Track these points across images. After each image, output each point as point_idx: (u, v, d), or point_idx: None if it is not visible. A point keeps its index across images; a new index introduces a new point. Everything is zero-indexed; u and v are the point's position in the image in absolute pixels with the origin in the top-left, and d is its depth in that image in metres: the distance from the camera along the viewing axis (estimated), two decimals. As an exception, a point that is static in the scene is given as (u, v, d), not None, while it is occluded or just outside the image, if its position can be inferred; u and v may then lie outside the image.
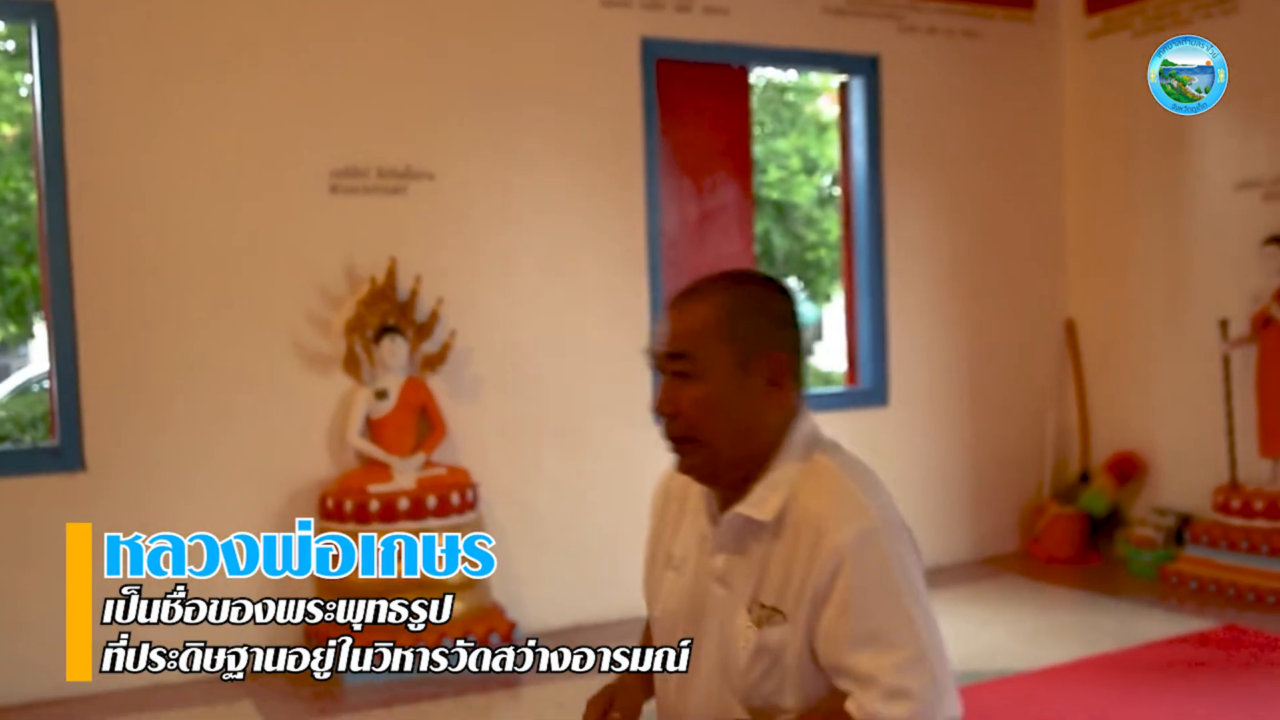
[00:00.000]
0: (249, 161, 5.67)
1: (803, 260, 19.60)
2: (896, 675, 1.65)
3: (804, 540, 1.72)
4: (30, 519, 5.30)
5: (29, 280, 14.45)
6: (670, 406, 1.79)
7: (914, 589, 1.73)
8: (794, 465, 1.78)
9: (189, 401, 5.56)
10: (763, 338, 1.79)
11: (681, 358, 1.78)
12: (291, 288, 5.73)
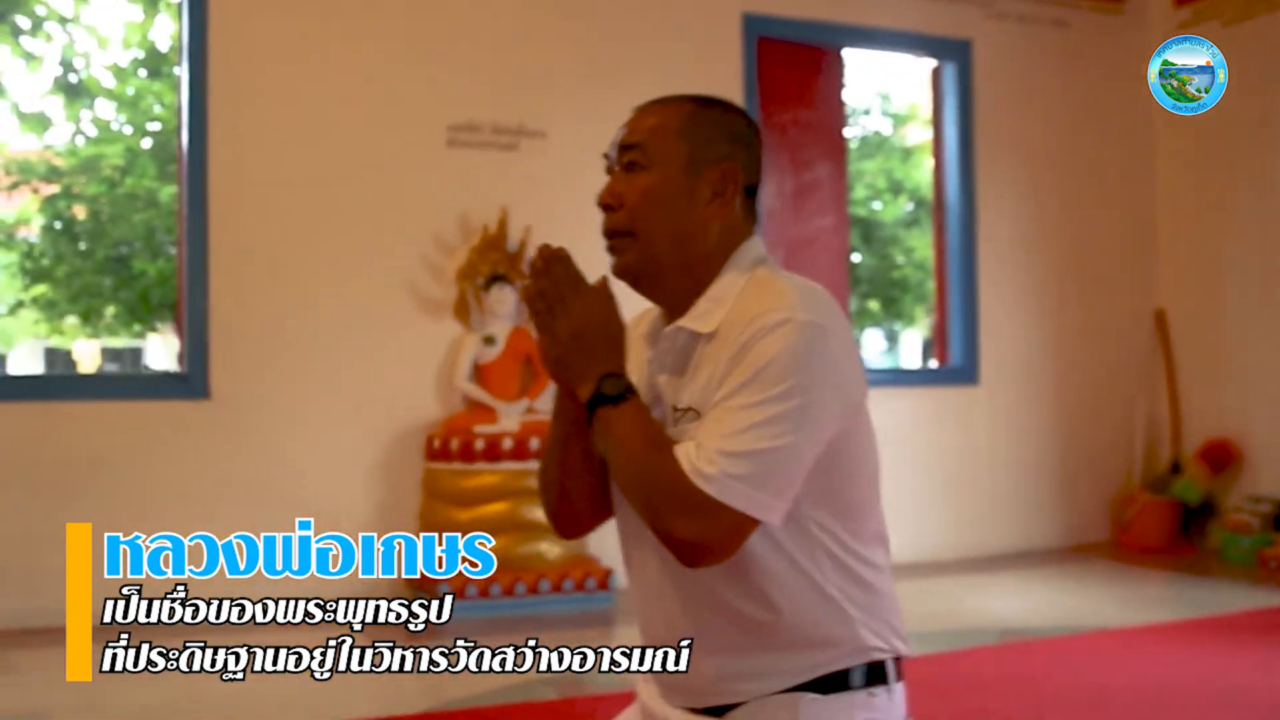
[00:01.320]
0: (372, 117, 5.97)
1: (888, 279, 19.66)
2: (731, 441, 1.57)
3: (731, 336, 1.66)
4: (158, 439, 5.62)
5: (155, 274, 15.01)
6: (615, 199, 1.78)
7: (806, 400, 1.59)
8: (738, 279, 1.74)
9: (308, 339, 5.83)
10: (716, 147, 1.77)
11: (634, 148, 1.77)
12: (408, 235, 6.00)
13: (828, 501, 1.68)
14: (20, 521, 5.39)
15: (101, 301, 15.92)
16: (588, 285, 1.73)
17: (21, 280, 16.31)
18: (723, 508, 1.55)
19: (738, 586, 1.67)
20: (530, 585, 5.58)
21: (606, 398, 1.66)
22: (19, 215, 16.43)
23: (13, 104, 14.32)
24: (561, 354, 1.70)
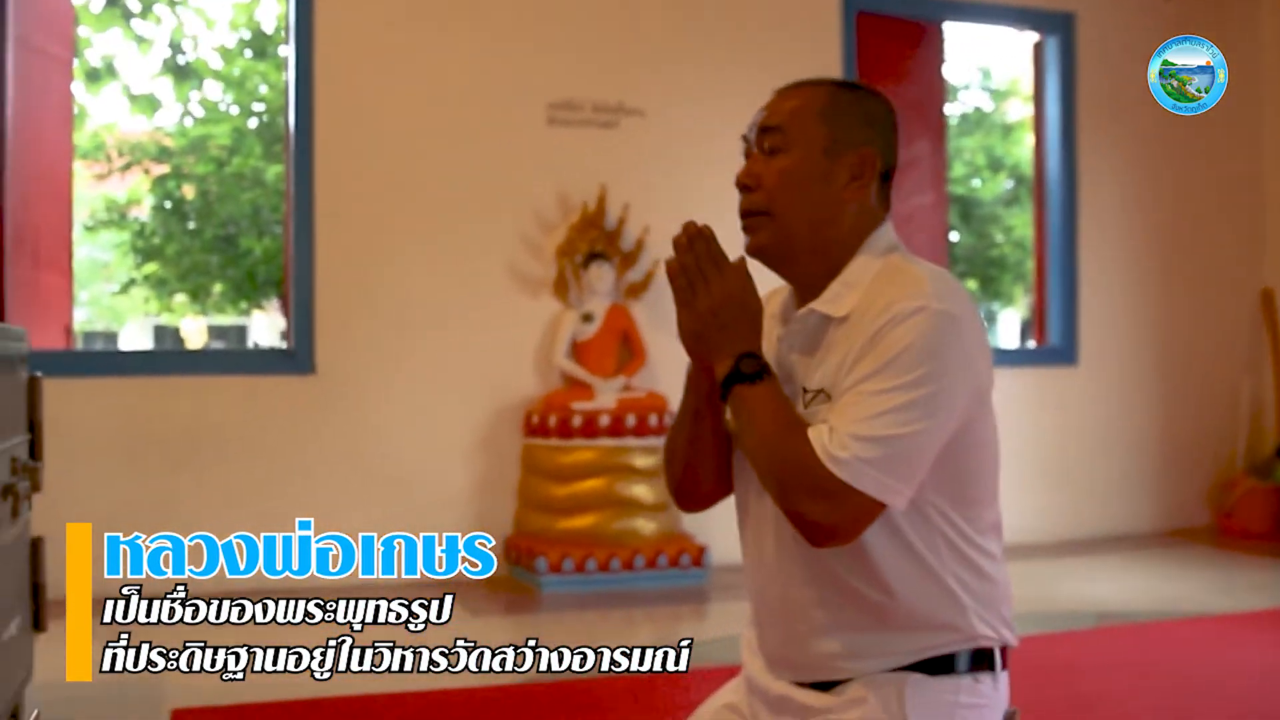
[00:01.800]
0: (473, 95, 6.07)
1: (986, 258, 19.42)
2: (864, 426, 1.60)
3: (865, 321, 1.68)
4: (265, 413, 5.79)
5: (261, 251, 15.37)
6: (752, 179, 1.78)
7: (937, 388, 1.62)
8: (872, 263, 1.76)
9: (410, 316, 5.96)
10: (855, 132, 1.78)
11: (774, 131, 1.78)
12: (508, 213, 6.10)
13: (950, 490, 1.71)
14: (139, 488, 5.60)
15: (209, 279, 16.30)
16: (729, 263, 1.75)
17: (133, 259, 16.75)
18: (852, 491, 1.58)
19: (855, 567, 1.70)
20: (625, 561, 5.66)
21: (743, 376, 1.70)
22: (130, 195, 16.89)
23: (124, 86, 14.71)
24: (700, 330, 1.74)
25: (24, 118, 5.71)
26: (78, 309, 16.91)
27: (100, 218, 16.96)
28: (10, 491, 3.08)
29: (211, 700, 3.96)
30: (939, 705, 1.70)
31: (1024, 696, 3.84)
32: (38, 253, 5.89)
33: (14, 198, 5.62)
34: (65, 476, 5.11)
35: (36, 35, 5.86)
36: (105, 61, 14.35)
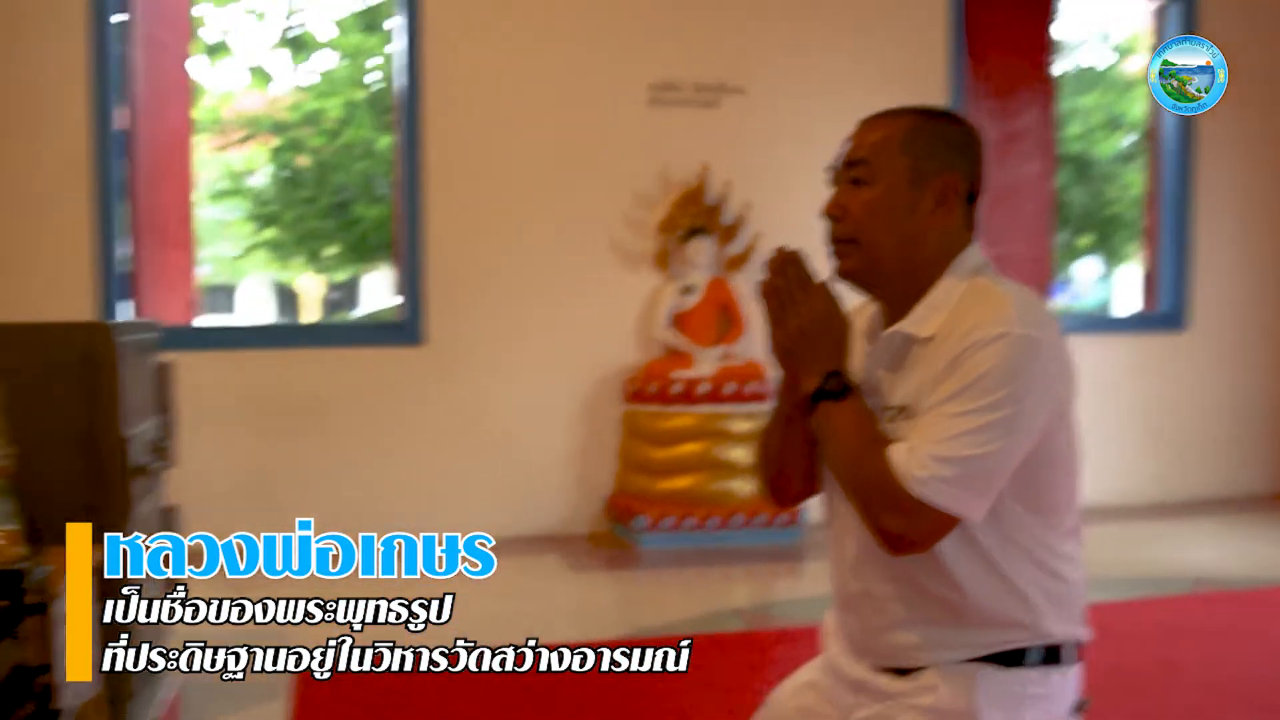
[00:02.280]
0: (577, 76, 6.22)
1: (1101, 217, 19.10)
2: (943, 446, 1.70)
3: (949, 343, 1.76)
4: (379, 382, 6.07)
5: (372, 219, 15.83)
6: (839, 210, 1.87)
7: (1014, 410, 1.71)
8: (957, 286, 1.82)
9: (516, 289, 6.16)
10: (938, 160, 1.84)
11: (859, 164, 1.85)
12: (610, 190, 6.26)
13: (1028, 498, 1.80)
14: (261, 455, 5.91)
15: (324, 243, 16.81)
16: (817, 285, 1.86)
17: (253, 225, 17.31)
18: (929, 508, 1.70)
19: (930, 570, 1.82)
20: (723, 520, 5.83)
21: (829, 393, 1.82)
22: (248, 165, 17.40)
23: (241, 59, 15.14)
24: (790, 347, 1.86)
25: (147, 103, 6.00)
26: (200, 266, 17.52)
27: (220, 187, 17.50)
28: (147, 470, 3.34)
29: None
30: (1007, 695, 1.81)
31: (1115, 660, 3.95)
32: (164, 231, 6.20)
33: (141, 180, 5.92)
34: (190, 445, 5.42)
35: (158, 25, 6.15)
36: (223, 36, 14.78)
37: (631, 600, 5.29)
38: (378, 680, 3.92)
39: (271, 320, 22.59)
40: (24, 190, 5.66)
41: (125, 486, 3.14)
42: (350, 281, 22.45)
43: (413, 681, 3.91)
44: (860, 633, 1.93)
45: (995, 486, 1.73)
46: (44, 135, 5.69)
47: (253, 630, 4.64)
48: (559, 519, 6.26)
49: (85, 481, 3.07)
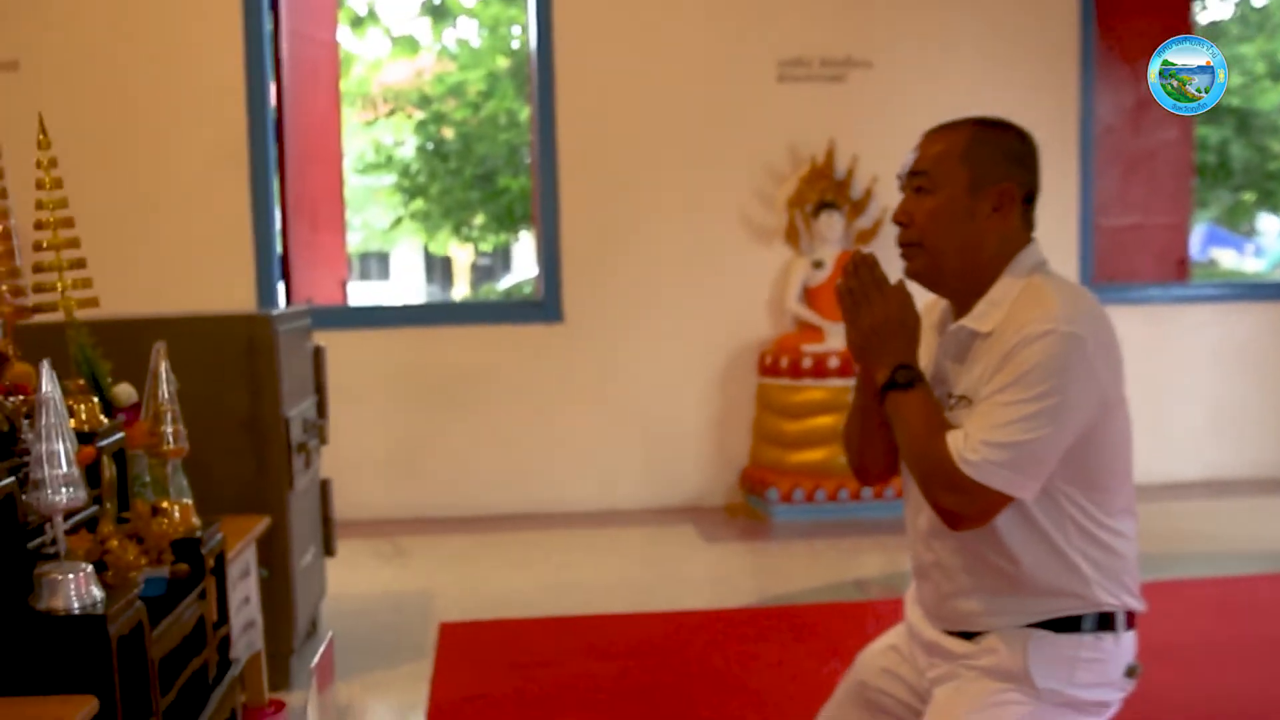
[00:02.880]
0: (705, 53, 6.35)
1: (1263, 171, 18.46)
2: (994, 433, 1.88)
3: (1004, 338, 1.94)
4: (520, 358, 6.32)
5: (517, 190, 16.17)
6: (906, 216, 2.04)
7: (1059, 400, 1.88)
8: (1015, 284, 2.00)
9: (650, 266, 6.34)
10: (995, 169, 2.01)
11: (922, 175, 2.03)
12: (740, 166, 6.38)
13: (1081, 480, 1.98)
14: (408, 429, 6.23)
15: (470, 213, 17.21)
16: (889, 286, 2.05)
17: (401, 197, 17.79)
18: (981, 487, 1.89)
19: (990, 543, 2.01)
20: (853, 492, 5.95)
21: (897, 384, 2.01)
22: (395, 138, 17.87)
23: (385, 29, 15.56)
24: (863, 343, 2.06)
25: (296, 83, 6.31)
26: (352, 233, 17.99)
27: (368, 160, 18.01)
28: (304, 448, 3.61)
29: (475, 615, 4.46)
30: (1060, 657, 1.99)
31: (1205, 633, 4.00)
32: (315, 216, 6.52)
33: (293, 169, 6.24)
34: (340, 420, 5.75)
35: (306, 14, 6.45)
36: (368, 7, 15.22)
37: (759, 569, 5.45)
38: (518, 636, 4.20)
39: (421, 292, 23.19)
40: (185, 175, 6.02)
41: (286, 463, 3.42)
42: (500, 249, 22.90)
43: (550, 640, 4.16)
44: (933, 599, 2.12)
45: (1043, 469, 1.91)
46: (201, 121, 6.04)
47: (401, 591, 4.97)
48: (695, 491, 6.44)
49: (249, 459, 3.35)
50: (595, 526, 6.05)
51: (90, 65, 5.93)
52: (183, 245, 6.01)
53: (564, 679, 3.74)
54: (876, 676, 2.23)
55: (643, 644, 4.09)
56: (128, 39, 5.98)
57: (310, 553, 3.87)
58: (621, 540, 5.84)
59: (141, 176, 5.95)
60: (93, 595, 1.78)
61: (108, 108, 5.93)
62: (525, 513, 6.26)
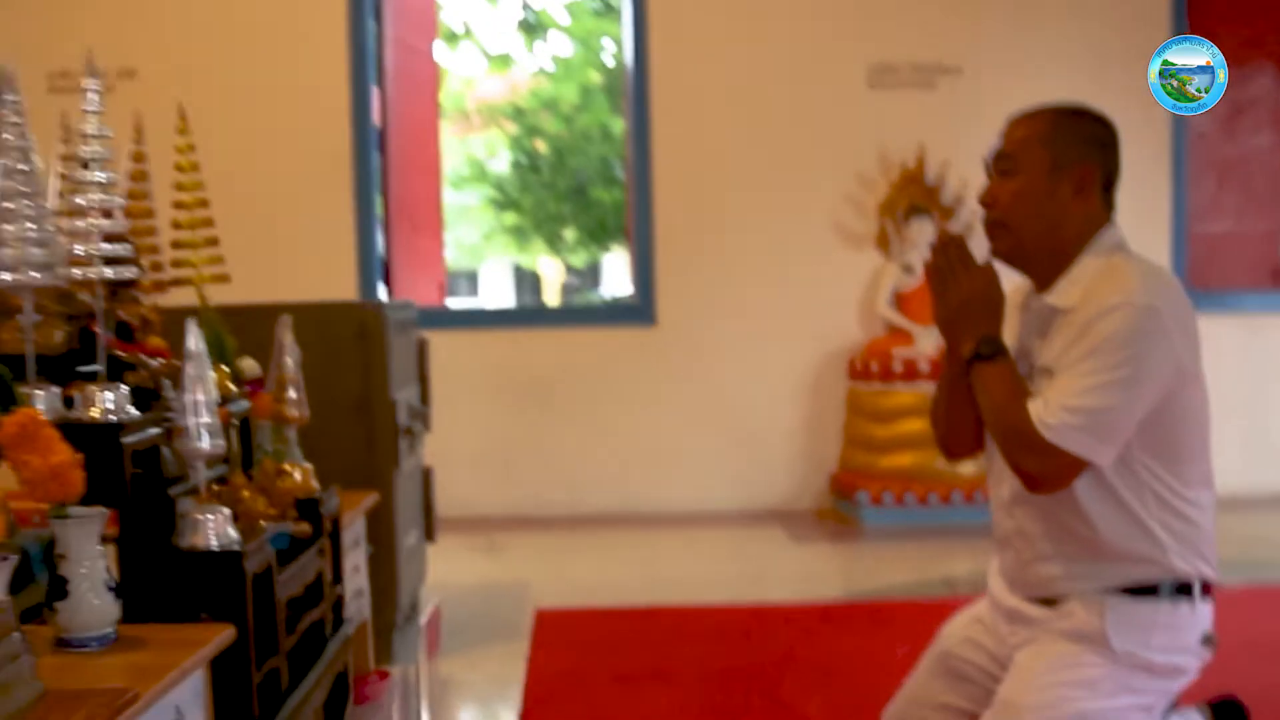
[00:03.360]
0: (796, 62, 6.46)
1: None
2: (1072, 399, 1.98)
3: (1083, 312, 2.03)
4: (613, 360, 6.47)
5: (609, 202, 16.38)
6: (990, 198, 2.16)
7: (1134, 369, 1.98)
8: (1095, 262, 2.10)
9: (742, 271, 6.45)
10: (1076, 152, 2.11)
11: (1006, 158, 2.14)
12: (830, 172, 6.48)
13: (1158, 451, 2.07)
14: (503, 429, 6.39)
15: (562, 226, 17.44)
16: (976, 264, 2.16)
17: (494, 210, 18.07)
18: (1059, 450, 1.99)
19: (1070, 509, 2.09)
20: (942, 496, 5.99)
21: (981, 356, 2.12)
22: (489, 152, 18.18)
23: (479, 45, 15.89)
24: (950, 318, 2.17)
25: (398, 96, 6.53)
26: (445, 251, 18.34)
27: (462, 174, 18.33)
28: (408, 431, 3.77)
29: (569, 604, 4.59)
30: (1136, 622, 2.07)
31: None
32: (415, 220, 6.73)
33: (395, 174, 6.46)
34: (446, 412, 5.94)
35: (406, 20, 6.67)
36: (463, 23, 15.56)
37: (846, 568, 5.52)
38: (610, 621, 4.32)
39: (512, 304, 23.48)
40: (293, 182, 6.26)
41: (393, 443, 3.58)
42: (590, 266, 23.13)
43: (640, 626, 4.27)
44: (1014, 567, 2.21)
45: (1118, 435, 2.00)
46: (308, 128, 6.27)
47: (498, 581, 5.11)
48: (785, 494, 6.52)
49: (360, 439, 3.52)
50: (685, 527, 6.16)
51: (202, 73, 6.18)
52: (288, 248, 6.23)
53: (652, 660, 3.85)
54: (959, 646, 2.31)
55: (729, 631, 4.19)
56: (237, 48, 6.24)
57: (413, 535, 4.02)
58: (711, 540, 5.94)
59: (250, 180, 6.19)
60: (230, 535, 1.93)
61: (217, 114, 6.18)
62: (618, 513, 6.38)
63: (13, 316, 1.96)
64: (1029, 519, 2.16)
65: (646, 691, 3.56)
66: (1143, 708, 2.07)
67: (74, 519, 1.67)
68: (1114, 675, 2.06)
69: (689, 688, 3.59)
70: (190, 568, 1.89)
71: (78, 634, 1.68)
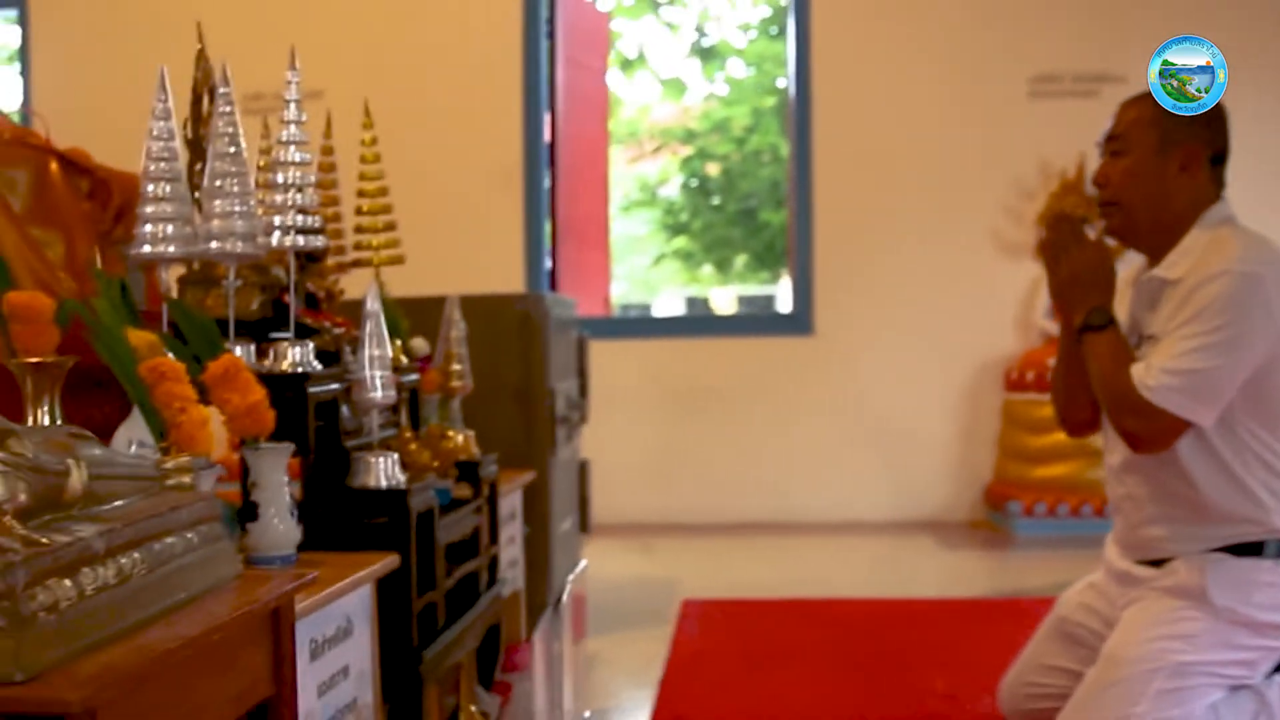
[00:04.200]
0: (956, 73, 6.56)
1: None
2: (1172, 362, 2.10)
3: (1188, 282, 2.17)
4: (771, 369, 6.64)
5: (778, 224, 16.54)
6: (1103, 178, 2.32)
7: (1234, 333, 2.10)
8: (1203, 235, 2.22)
9: (899, 281, 6.56)
10: (1182, 132, 2.25)
11: (1117, 139, 2.31)
12: (989, 182, 6.54)
13: (1260, 414, 2.18)
14: (662, 435, 6.62)
15: (733, 251, 17.63)
16: (1087, 240, 2.33)
17: (664, 234, 18.36)
18: (1159, 410, 2.13)
19: (1175, 472, 2.22)
20: (1096, 508, 5.97)
21: (1091, 326, 2.26)
22: (660, 176, 18.50)
23: (654, 71, 16.23)
24: (1062, 290, 2.34)
25: (570, 122, 6.84)
26: (616, 283, 18.74)
27: (634, 198, 18.69)
28: (566, 420, 4.01)
29: (717, 595, 4.78)
30: (1238, 579, 2.18)
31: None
32: (583, 235, 7.03)
33: (564, 191, 6.76)
34: (606, 420, 6.19)
35: (578, 44, 6.99)
36: (638, 50, 15.93)
37: (993, 572, 5.57)
38: (753, 611, 4.49)
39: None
40: (466, 196, 6.61)
41: (550, 429, 3.83)
42: (765, 295, 23.26)
43: (782, 615, 4.43)
44: (1124, 530, 2.34)
45: (1218, 397, 2.12)
46: (483, 148, 6.62)
47: (648, 575, 5.32)
48: (938, 505, 6.58)
49: (519, 424, 3.78)
50: (836, 534, 6.28)
51: (383, 93, 6.53)
52: (460, 259, 6.55)
53: (790, 645, 3.99)
54: (1074, 611, 2.44)
55: (864, 621, 4.32)
56: (416, 68, 6.64)
57: (568, 522, 4.26)
58: (860, 546, 6.05)
59: (424, 194, 6.53)
60: (398, 476, 2.18)
61: (396, 130, 6.55)
62: (771, 520, 6.53)
63: (218, 284, 2.25)
64: (1137, 484, 2.29)
65: (777, 670, 3.71)
66: (1244, 664, 2.17)
67: (265, 450, 1.93)
68: (1214, 630, 2.17)
69: (817, 667, 3.73)
70: (361, 504, 2.15)
71: (264, 553, 1.94)
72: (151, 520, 1.26)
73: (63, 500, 1.17)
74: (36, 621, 1.03)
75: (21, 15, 6.98)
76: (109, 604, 1.13)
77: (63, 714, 0.98)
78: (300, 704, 1.58)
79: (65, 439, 1.23)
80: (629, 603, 4.73)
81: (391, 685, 2.14)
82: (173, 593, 1.27)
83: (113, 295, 1.87)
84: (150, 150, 2.02)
